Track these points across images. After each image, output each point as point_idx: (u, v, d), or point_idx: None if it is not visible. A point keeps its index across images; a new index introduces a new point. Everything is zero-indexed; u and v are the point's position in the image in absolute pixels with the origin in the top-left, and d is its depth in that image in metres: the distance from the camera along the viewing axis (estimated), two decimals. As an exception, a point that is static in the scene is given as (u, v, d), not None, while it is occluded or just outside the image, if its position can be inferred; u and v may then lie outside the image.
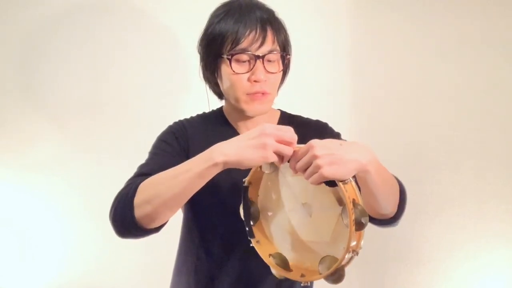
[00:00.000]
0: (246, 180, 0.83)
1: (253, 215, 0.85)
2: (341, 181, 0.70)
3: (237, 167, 0.75)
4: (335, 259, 0.73)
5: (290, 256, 0.83)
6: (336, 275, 0.72)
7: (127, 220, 0.80)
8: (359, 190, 0.74)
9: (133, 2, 1.60)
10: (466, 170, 1.59)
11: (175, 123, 1.05)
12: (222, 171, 0.77)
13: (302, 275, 0.78)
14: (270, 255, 0.83)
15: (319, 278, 0.75)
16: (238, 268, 1.00)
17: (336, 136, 1.07)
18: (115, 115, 1.63)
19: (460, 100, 1.58)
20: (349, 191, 0.70)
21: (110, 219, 0.83)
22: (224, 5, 0.97)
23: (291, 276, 0.80)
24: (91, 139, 1.63)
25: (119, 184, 0.95)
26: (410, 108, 1.61)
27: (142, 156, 1.00)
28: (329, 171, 0.69)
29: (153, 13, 1.60)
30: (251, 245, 0.84)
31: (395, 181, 0.91)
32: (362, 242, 0.71)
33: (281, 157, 0.74)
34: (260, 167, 0.81)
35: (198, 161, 0.77)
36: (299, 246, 0.82)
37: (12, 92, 1.62)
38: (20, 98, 1.62)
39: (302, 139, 1.04)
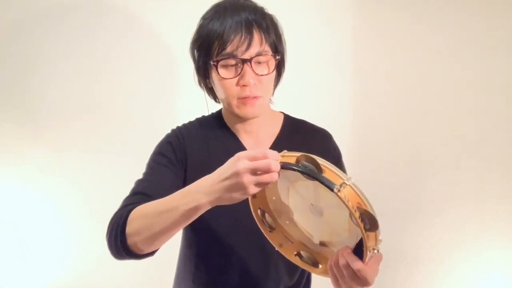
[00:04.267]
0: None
1: (269, 223, 0.83)
2: (337, 190, 0.66)
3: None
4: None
5: (316, 252, 0.83)
6: None
7: (120, 247, 0.81)
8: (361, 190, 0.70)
9: (129, 4, 1.60)
10: (466, 170, 1.58)
11: (173, 131, 1.02)
12: None
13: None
14: (296, 254, 0.82)
15: None
16: (237, 279, 0.99)
17: (338, 155, 1.05)
18: (115, 116, 1.63)
19: (460, 100, 1.58)
20: (350, 198, 0.66)
21: (106, 243, 0.84)
22: (212, 8, 0.95)
23: (320, 272, 0.80)
24: (91, 139, 1.63)
25: (119, 184, 0.95)
26: (410, 108, 1.61)
27: (141, 156, 1.00)
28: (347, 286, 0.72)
29: (149, 13, 1.60)
30: (276, 249, 0.82)
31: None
32: (380, 237, 0.70)
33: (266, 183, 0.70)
34: None
35: (182, 201, 0.74)
36: (320, 247, 0.81)
37: (11, 92, 1.62)
38: (20, 98, 1.62)
39: (306, 146, 1.03)
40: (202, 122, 1.05)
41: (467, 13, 1.54)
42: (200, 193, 0.72)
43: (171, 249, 1.09)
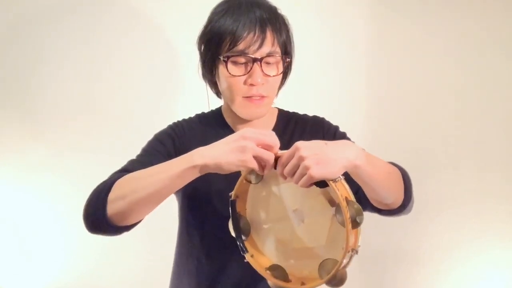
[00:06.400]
0: (232, 194, 0.80)
1: (243, 229, 0.82)
2: (331, 180, 0.69)
3: (217, 171, 0.73)
4: (335, 261, 0.71)
5: (287, 265, 0.80)
6: (338, 278, 0.70)
7: (98, 214, 0.78)
8: (350, 188, 0.73)
9: (129, 4, 1.60)
10: (466, 170, 1.58)
11: (175, 124, 1.03)
12: (218, 176, 0.74)
13: (303, 283, 0.76)
14: (266, 268, 0.80)
15: (320, 284, 0.73)
16: (240, 270, 0.98)
17: (334, 129, 1.05)
18: (114, 115, 1.63)
19: (460, 100, 1.58)
20: (340, 189, 0.69)
21: (82, 212, 0.81)
22: (224, 2, 0.94)
23: (290, 286, 0.78)
24: (91, 139, 1.64)
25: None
26: (410, 108, 1.61)
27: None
28: (317, 171, 0.68)
29: (150, 13, 1.60)
30: (245, 260, 0.81)
31: (394, 167, 0.89)
32: (360, 239, 0.70)
33: (262, 165, 0.72)
34: (246, 178, 0.79)
35: (177, 162, 0.75)
36: (296, 255, 0.80)
37: (11, 92, 1.62)
38: (20, 98, 1.62)
39: (301, 136, 1.03)
40: (202, 119, 1.06)
41: (463, 14, 1.54)
42: (197, 155, 0.73)
43: (171, 248, 1.09)
